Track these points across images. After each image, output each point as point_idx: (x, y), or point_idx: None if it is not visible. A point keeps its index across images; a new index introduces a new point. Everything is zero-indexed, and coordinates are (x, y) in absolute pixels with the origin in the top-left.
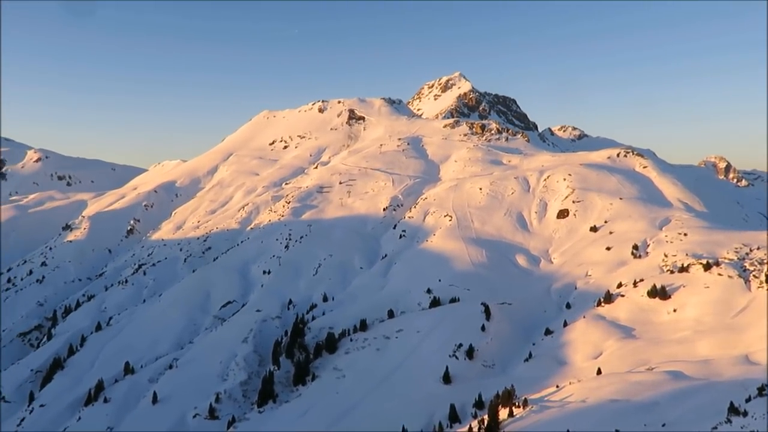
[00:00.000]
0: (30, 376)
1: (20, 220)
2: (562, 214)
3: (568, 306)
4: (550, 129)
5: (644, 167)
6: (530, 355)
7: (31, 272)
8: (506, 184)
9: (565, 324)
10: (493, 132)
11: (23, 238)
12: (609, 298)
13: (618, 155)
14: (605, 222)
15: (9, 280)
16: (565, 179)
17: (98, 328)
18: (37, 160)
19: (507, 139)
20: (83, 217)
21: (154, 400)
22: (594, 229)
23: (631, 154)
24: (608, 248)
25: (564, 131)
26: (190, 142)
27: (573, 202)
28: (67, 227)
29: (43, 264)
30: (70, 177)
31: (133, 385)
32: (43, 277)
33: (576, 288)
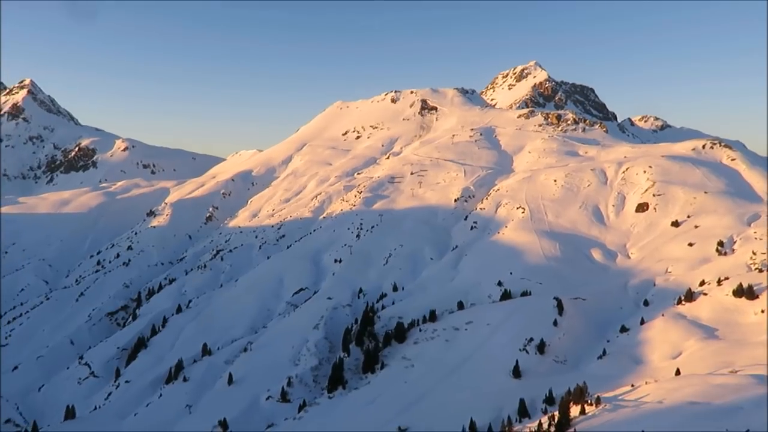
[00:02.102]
0: (116, 353)
1: (109, 206)
2: (642, 207)
3: (646, 303)
4: (630, 119)
5: (732, 159)
6: (604, 353)
7: (118, 255)
8: (582, 176)
9: (643, 322)
10: (569, 122)
11: (111, 223)
12: (690, 296)
13: (703, 147)
14: (688, 217)
15: (98, 263)
16: (645, 171)
17: (178, 310)
18: (124, 149)
19: (584, 130)
20: (166, 203)
21: (230, 381)
22: (676, 223)
23: (718, 145)
24: (690, 244)
25: (645, 122)
26: (267, 132)
27: (653, 195)
28: (151, 213)
29: (129, 248)
30: (154, 165)
31: (210, 366)
32: (129, 260)
33: (655, 285)
